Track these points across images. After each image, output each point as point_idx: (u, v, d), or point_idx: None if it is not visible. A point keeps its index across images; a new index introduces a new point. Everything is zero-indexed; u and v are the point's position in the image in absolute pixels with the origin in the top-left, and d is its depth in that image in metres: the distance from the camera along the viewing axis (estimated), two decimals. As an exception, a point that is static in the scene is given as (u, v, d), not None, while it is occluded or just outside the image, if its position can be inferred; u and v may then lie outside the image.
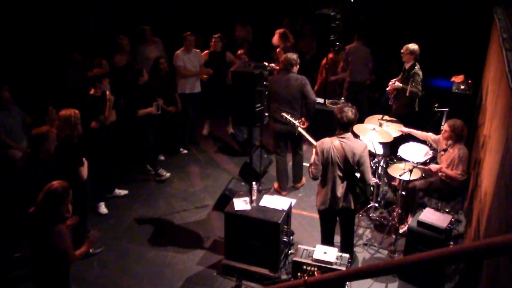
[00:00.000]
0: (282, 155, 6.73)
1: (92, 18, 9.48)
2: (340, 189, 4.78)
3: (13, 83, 7.27)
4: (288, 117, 5.58)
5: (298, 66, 6.47)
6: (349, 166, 4.74)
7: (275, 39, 8.18)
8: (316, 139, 5.22)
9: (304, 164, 6.93)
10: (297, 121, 5.67)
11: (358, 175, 4.86)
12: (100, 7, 9.65)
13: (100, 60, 7.21)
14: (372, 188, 5.95)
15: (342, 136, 4.76)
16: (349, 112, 4.71)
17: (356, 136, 5.53)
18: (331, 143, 4.74)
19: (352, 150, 4.70)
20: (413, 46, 6.72)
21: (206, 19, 10.54)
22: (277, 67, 7.28)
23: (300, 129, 5.48)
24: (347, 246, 5.20)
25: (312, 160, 4.83)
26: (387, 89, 6.84)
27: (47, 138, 4.73)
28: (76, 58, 7.80)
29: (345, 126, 4.75)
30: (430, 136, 5.97)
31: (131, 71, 7.05)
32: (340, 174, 4.76)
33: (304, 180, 7.05)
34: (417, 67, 6.69)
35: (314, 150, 4.88)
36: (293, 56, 6.43)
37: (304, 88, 6.34)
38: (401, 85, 6.68)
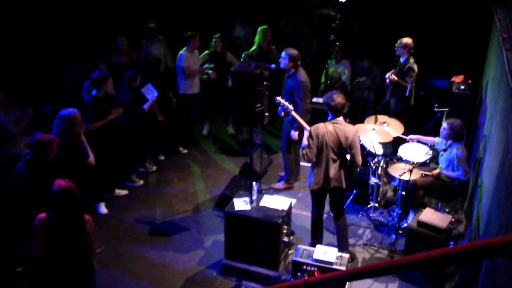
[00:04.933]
0: (293, 150, 6.87)
1: (92, 18, 9.48)
2: (333, 170, 5.09)
3: (13, 83, 7.28)
4: (283, 100, 5.64)
5: None
6: (342, 149, 5.06)
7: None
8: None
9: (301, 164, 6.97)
10: (291, 105, 5.68)
11: (348, 157, 5.14)
12: (99, 7, 9.65)
13: (101, 63, 7.27)
14: (358, 169, 6.29)
15: (335, 121, 5.08)
16: (340, 98, 5.06)
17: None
18: (326, 128, 5.03)
19: (345, 134, 5.03)
20: (406, 39, 6.86)
21: (205, 19, 10.53)
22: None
23: (293, 113, 5.58)
24: (340, 225, 5.40)
25: (305, 143, 5.07)
26: (386, 80, 6.94)
27: (49, 147, 4.67)
28: (76, 58, 7.83)
29: (338, 112, 5.09)
30: (437, 140, 5.97)
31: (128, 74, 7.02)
32: (333, 156, 5.08)
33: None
34: (411, 60, 6.82)
35: (306, 133, 5.10)
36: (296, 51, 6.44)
37: None
38: (396, 78, 6.77)
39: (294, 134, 6.50)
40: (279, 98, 5.69)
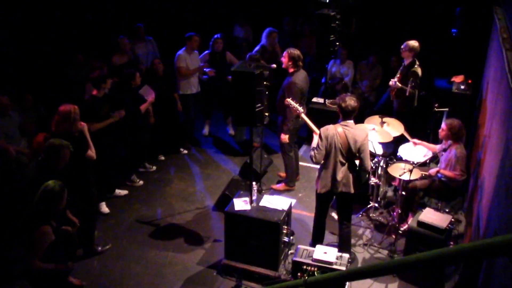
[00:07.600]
0: (294, 150, 6.87)
1: (91, 17, 9.49)
2: (340, 174, 4.99)
3: (15, 83, 7.29)
4: (293, 103, 5.61)
5: None
6: (351, 152, 4.94)
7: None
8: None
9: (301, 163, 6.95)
10: (301, 107, 5.70)
11: (357, 162, 5.05)
12: (100, 7, 9.66)
13: (101, 64, 7.26)
14: (367, 174, 6.03)
15: (345, 123, 4.98)
16: (352, 101, 4.96)
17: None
18: (335, 130, 4.95)
19: (354, 138, 4.92)
20: (413, 43, 6.75)
21: (205, 19, 10.54)
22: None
23: (303, 115, 5.56)
24: (345, 232, 5.31)
25: (314, 144, 5.01)
26: (390, 84, 6.89)
27: (59, 152, 4.60)
28: (79, 59, 7.85)
29: (348, 114, 4.99)
30: (438, 148, 5.97)
31: (124, 73, 7.00)
32: (342, 159, 4.97)
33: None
34: (416, 64, 6.75)
35: (316, 135, 5.05)
36: (298, 51, 6.41)
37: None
38: (400, 85, 6.72)
39: (285, 137, 6.43)
40: (289, 100, 5.64)
